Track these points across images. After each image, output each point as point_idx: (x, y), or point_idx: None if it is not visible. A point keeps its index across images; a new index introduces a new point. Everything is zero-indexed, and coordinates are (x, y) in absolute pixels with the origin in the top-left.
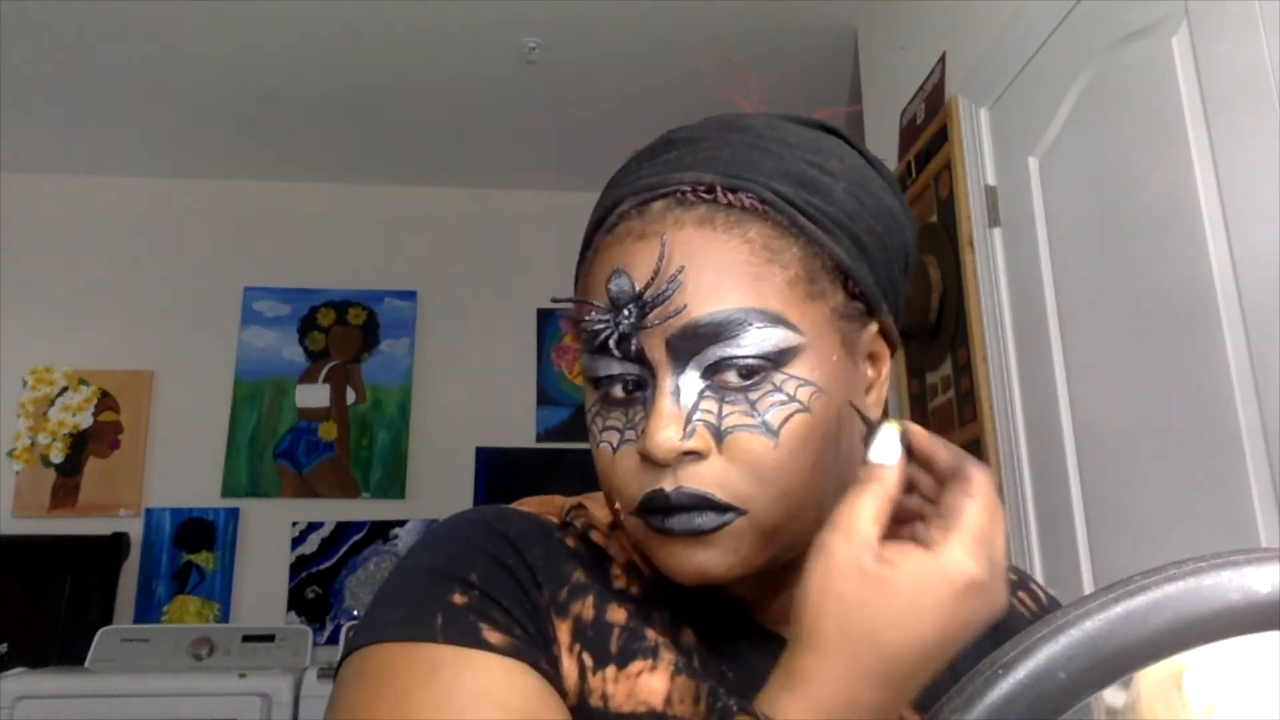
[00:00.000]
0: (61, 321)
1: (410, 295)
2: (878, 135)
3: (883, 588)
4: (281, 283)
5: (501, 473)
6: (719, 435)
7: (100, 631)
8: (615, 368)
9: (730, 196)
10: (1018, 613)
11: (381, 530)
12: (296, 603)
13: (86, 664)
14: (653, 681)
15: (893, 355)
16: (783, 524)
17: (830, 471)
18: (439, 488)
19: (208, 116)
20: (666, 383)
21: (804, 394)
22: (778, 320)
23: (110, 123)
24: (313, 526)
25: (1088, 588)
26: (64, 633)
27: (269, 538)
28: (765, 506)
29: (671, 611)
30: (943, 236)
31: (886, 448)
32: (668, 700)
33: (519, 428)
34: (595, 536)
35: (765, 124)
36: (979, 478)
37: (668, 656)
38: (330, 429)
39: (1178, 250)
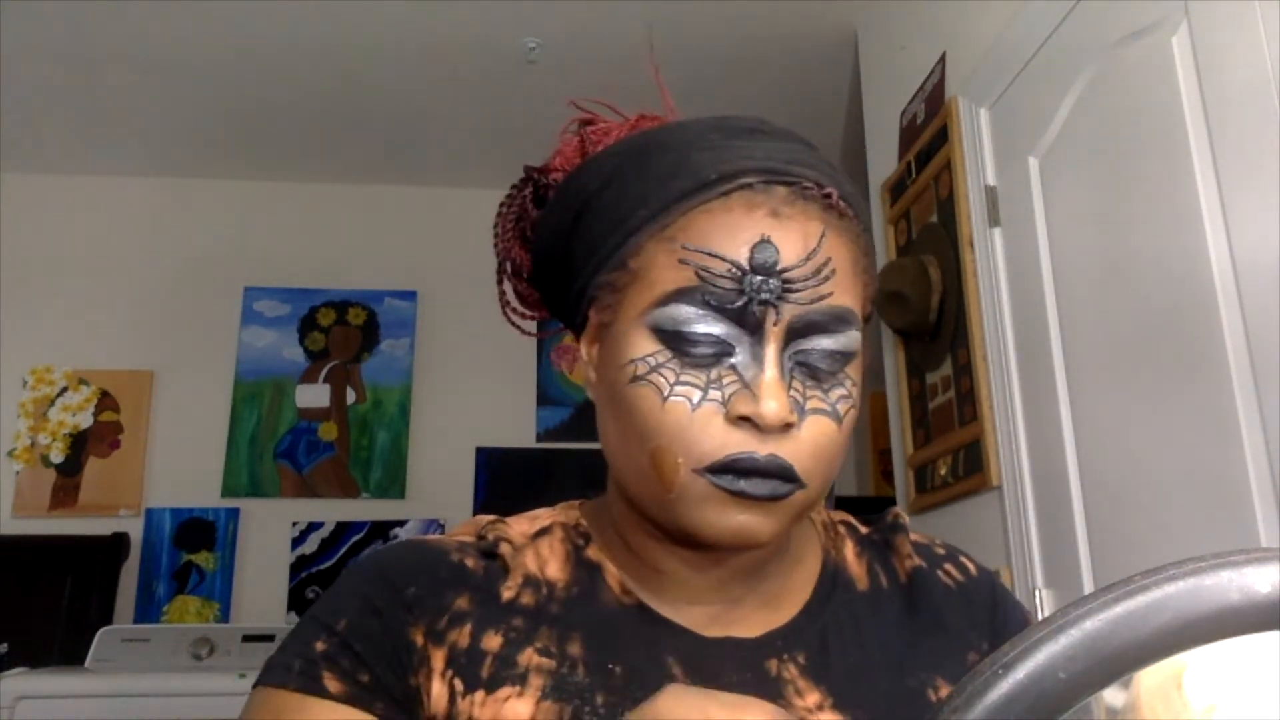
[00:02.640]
0: (61, 321)
1: (410, 295)
2: (878, 135)
3: None
4: (281, 283)
5: (501, 473)
6: (803, 414)
7: (100, 631)
8: (716, 328)
9: (843, 205)
10: (941, 584)
11: (381, 530)
12: (296, 603)
13: (86, 664)
14: (518, 707)
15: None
16: (814, 503)
17: None
18: (439, 488)
19: (208, 117)
20: (776, 357)
21: (855, 392)
22: (860, 326)
23: (110, 123)
24: (313, 526)
25: (1088, 588)
26: (64, 633)
27: (269, 538)
28: (817, 485)
29: (565, 622)
30: (943, 236)
31: None
32: None
33: (519, 428)
34: (503, 549)
35: (795, 133)
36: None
37: (536, 682)
38: (330, 429)
39: (1178, 250)
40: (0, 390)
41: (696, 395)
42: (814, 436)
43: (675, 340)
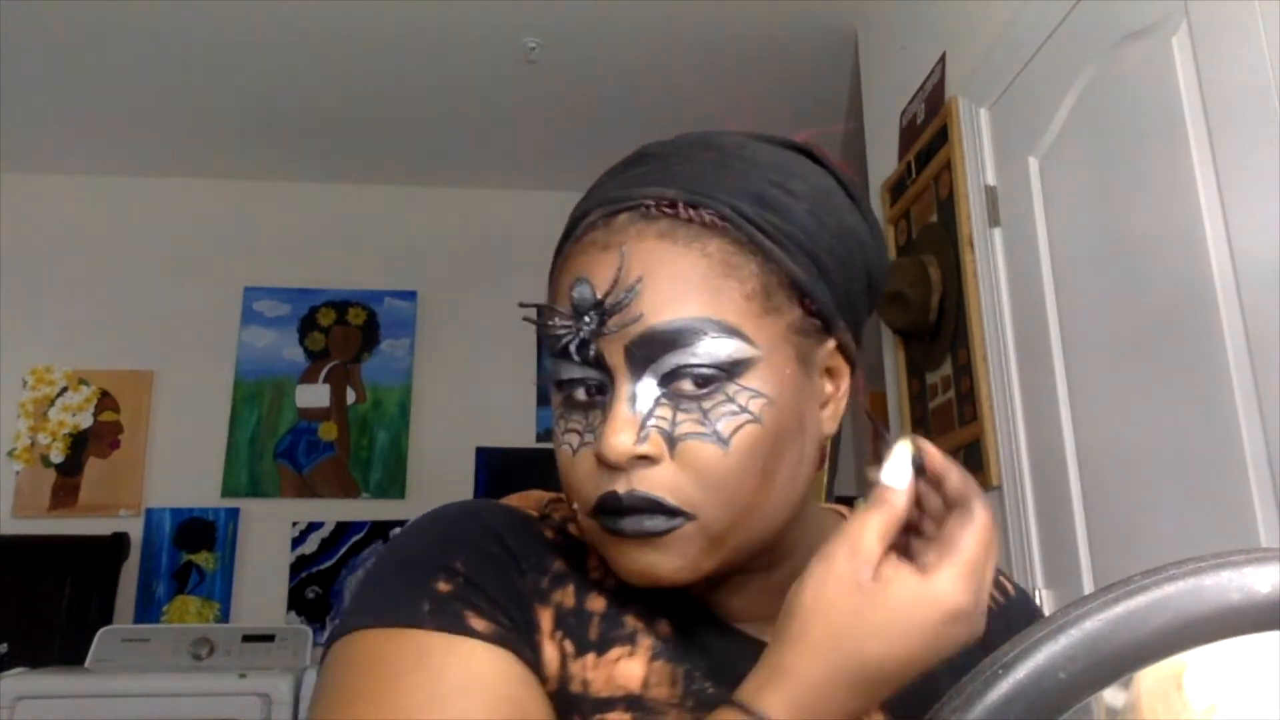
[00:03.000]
0: (61, 321)
1: (410, 295)
2: (878, 135)
3: (875, 603)
4: (281, 283)
5: (501, 473)
6: (672, 442)
7: (100, 631)
8: (576, 372)
9: (691, 212)
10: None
11: (381, 530)
12: (296, 603)
13: (86, 664)
14: (630, 667)
15: (853, 372)
16: (731, 531)
17: (780, 481)
18: (439, 488)
19: (208, 116)
20: (624, 389)
21: (755, 405)
22: (732, 332)
23: (110, 123)
24: (313, 526)
25: (1088, 588)
26: (64, 633)
27: (269, 538)
28: (715, 513)
29: (645, 604)
30: (943, 236)
31: (898, 469)
32: (645, 684)
33: (519, 428)
34: (572, 529)
35: (735, 143)
36: (980, 511)
37: (645, 642)
38: (330, 429)
39: (1178, 250)
40: (0, 390)
41: (576, 440)
42: (690, 463)
43: (561, 389)
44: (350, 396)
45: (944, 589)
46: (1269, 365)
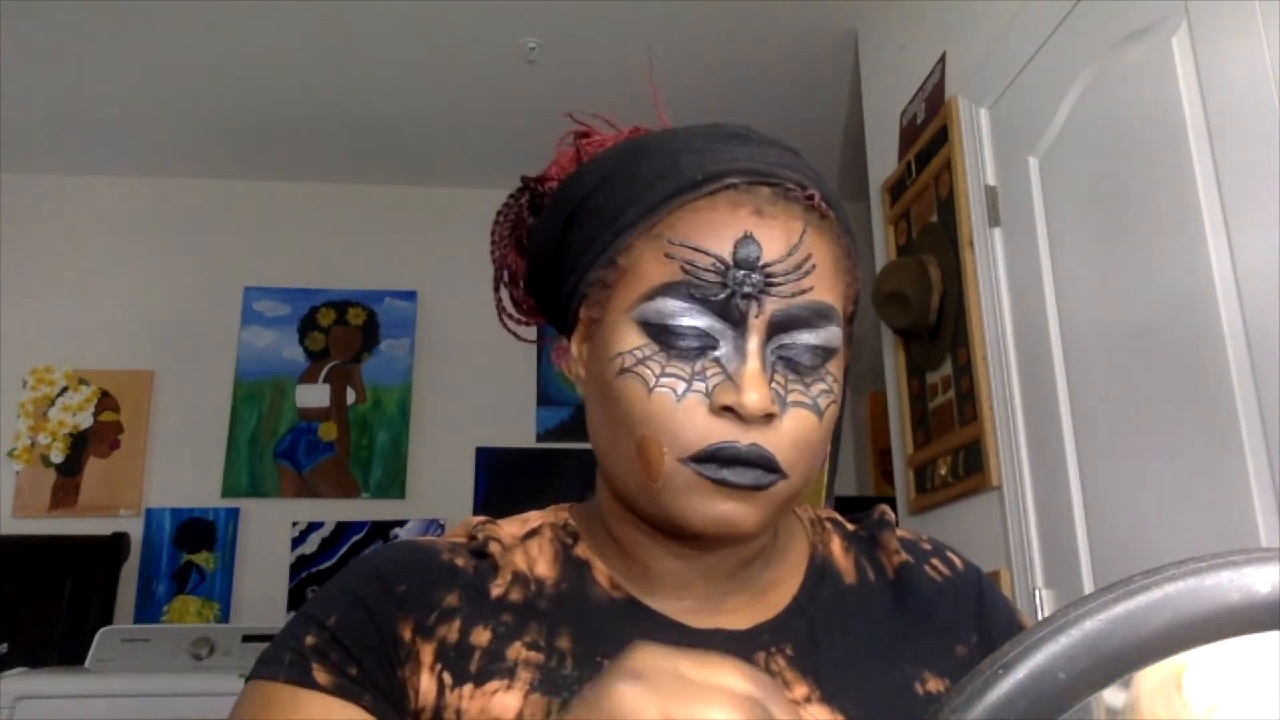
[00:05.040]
0: (61, 321)
1: (410, 295)
2: (878, 135)
3: None
4: (281, 283)
5: (501, 473)
6: (784, 406)
7: (100, 631)
8: (701, 320)
9: (824, 207)
10: (928, 578)
11: (382, 530)
12: (296, 603)
13: (86, 664)
14: (506, 699)
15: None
16: (799, 494)
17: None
18: (439, 488)
19: (208, 116)
20: (758, 350)
21: (836, 388)
22: (841, 323)
23: (110, 123)
24: (313, 526)
25: (1088, 588)
26: (64, 633)
27: (269, 538)
28: (799, 475)
29: (552, 617)
30: (943, 236)
31: None
32: (519, 716)
33: (519, 428)
34: (492, 548)
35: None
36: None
37: (525, 675)
38: (330, 429)
39: (1177, 250)
40: (0, 390)
41: (681, 386)
42: (795, 428)
43: (661, 333)
44: (350, 396)
45: None
46: (1269, 365)
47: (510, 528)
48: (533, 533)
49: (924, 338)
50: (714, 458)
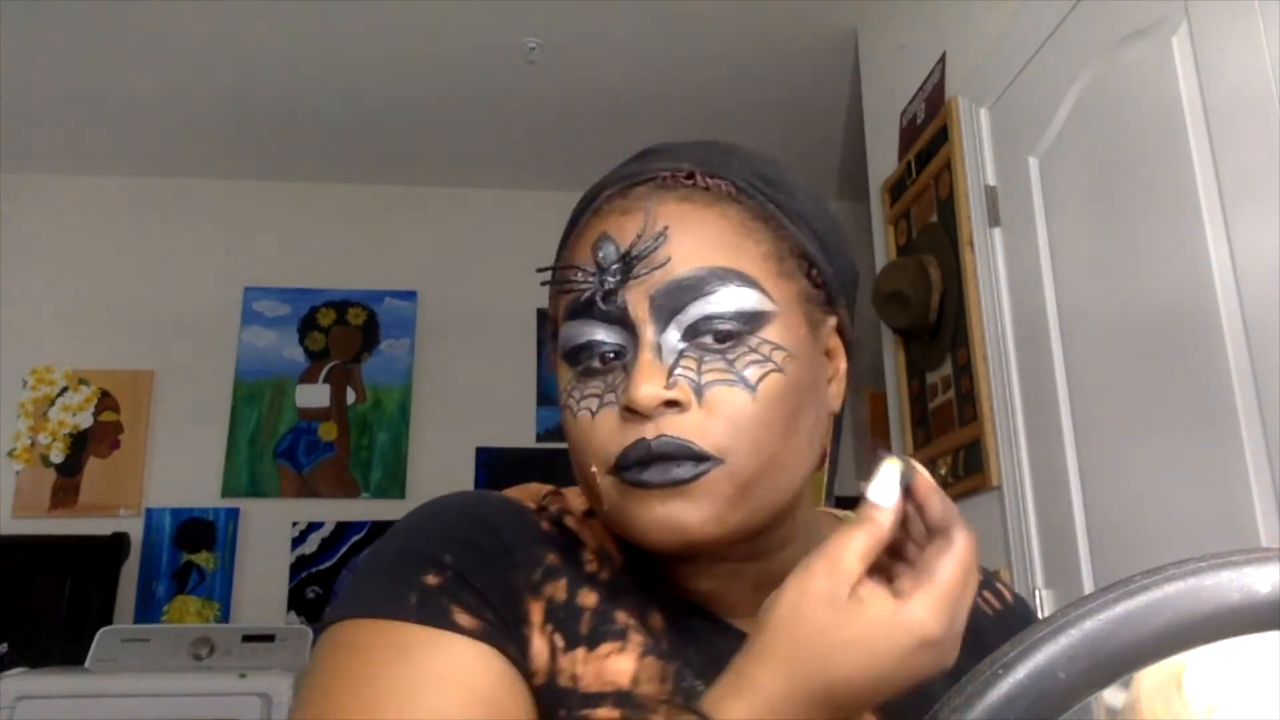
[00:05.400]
0: (61, 321)
1: (410, 295)
2: (878, 135)
3: (847, 622)
4: (281, 283)
5: (501, 473)
6: (699, 390)
7: (100, 631)
8: (597, 332)
9: (708, 181)
10: (981, 611)
11: (382, 530)
12: (296, 603)
13: (86, 664)
14: (620, 663)
15: (849, 358)
16: (757, 480)
17: (801, 437)
18: (439, 488)
19: (208, 116)
20: (648, 339)
21: (778, 356)
22: (753, 283)
23: (110, 123)
24: (313, 526)
25: (1088, 588)
26: (64, 633)
27: (269, 538)
28: (743, 459)
29: (639, 597)
30: (943, 236)
31: (886, 487)
32: (635, 680)
33: (519, 428)
34: (569, 521)
35: (734, 142)
36: (961, 540)
37: (636, 639)
38: (330, 429)
39: (1177, 249)
40: (0, 390)
41: (595, 403)
42: (719, 409)
43: (575, 358)
44: (350, 396)
45: (917, 616)
46: (1269, 365)
47: (575, 500)
48: (591, 513)
49: (924, 338)
50: (628, 461)
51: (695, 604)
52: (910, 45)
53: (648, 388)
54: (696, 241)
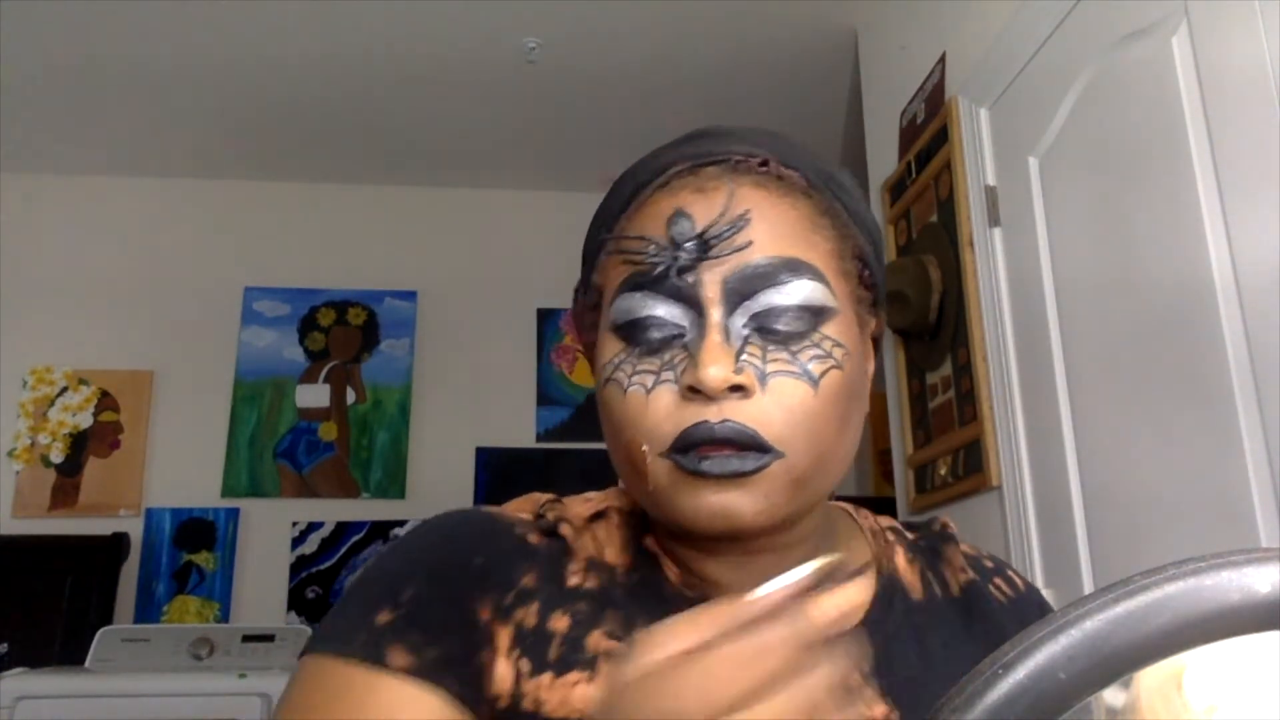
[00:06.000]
0: (61, 321)
1: (410, 295)
2: (878, 135)
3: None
4: (281, 283)
5: (501, 473)
6: (763, 378)
7: (100, 631)
8: (660, 308)
9: (782, 170)
10: (993, 598)
11: (382, 530)
12: (296, 603)
13: (86, 664)
14: (588, 691)
15: (875, 364)
16: (811, 475)
17: (851, 434)
18: (439, 488)
19: (208, 116)
20: (718, 321)
21: (838, 353)
22: (822, 278)
23: (110, 123)
24: (313, 526)
25: (1088, 588)
26: (64, 633)
27: (269, 538)
28: (801, 452)
29: (630, 604)
30: (943, 236)
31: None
32: None
33: (519, 428)
34: (564, 530)
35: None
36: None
37: (605, 668)
38: (330, 429)
39: (1177, 249)
40: (0, 390)
41: (651, 380)
42: (781, 400)
43: (630, 333)
44: (350, 396)
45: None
46: (1269, 365)
47: (577, 507)
48: (599, 515)
49: (924, 338)
50: (688, 442)
51: (698, 598)
52: (910, 45)
53: (717, 369)
54: (773, 230)
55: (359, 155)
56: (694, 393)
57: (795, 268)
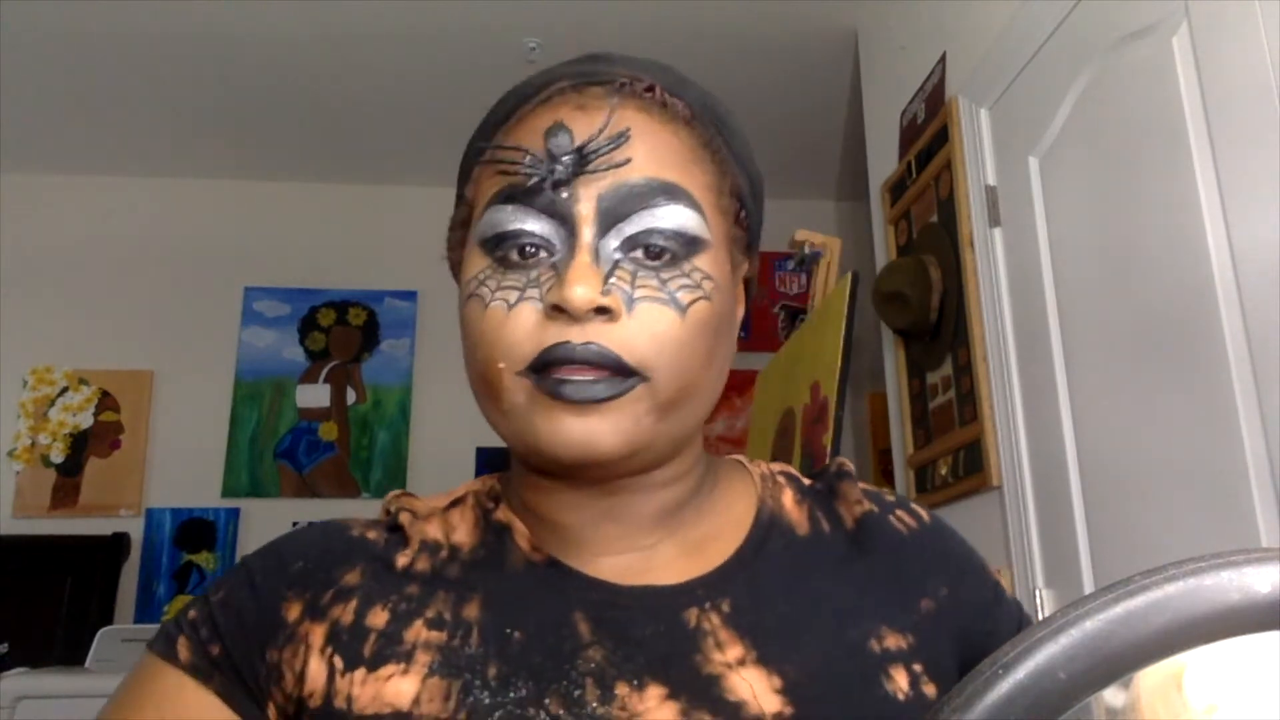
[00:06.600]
0: (61, 321)
1: (410, 295)
2: (878, 135)
3: None
4: (281, 283)
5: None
6: (630, 302)
7: (100, 631)
8: (529, 222)
9: (667, 97)
10: (893, 529)
11: None
12: None
13: (87, 664)
14: (402, 684)
15: (747, 309)
16: (675, 403)
17: (717, 368)
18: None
19: (208, 117)
20: (587, 240)
21: (707, 285)
22: (698, 207)
23: (110, 123)
24: None
25: (1088, 587)
26: (64, 633)
27: (269, 538)
28: (664, 378)
29: (461, 585)
30: (943, 236)
31: None
32: (415, 701)
33: None
34: (403, 518)
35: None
36: None
37: (423, 659)
38: (330, 429)
39: (1178, 250)
40: (0, 390)
41: (514, 296)
42: (648, 324)
43: (496, 247)
44: (350, 396)
45: None
46: (1269, 365)
47: (434, 500)
48: (456, 502)
49: (924, 338)
50: (547, 362)
51: (545, 564)
52: (910, 45)
53: (583, 289)
54: (653, 154)
55: (360, 155)
56: (558, 311)
57: (672, 192)
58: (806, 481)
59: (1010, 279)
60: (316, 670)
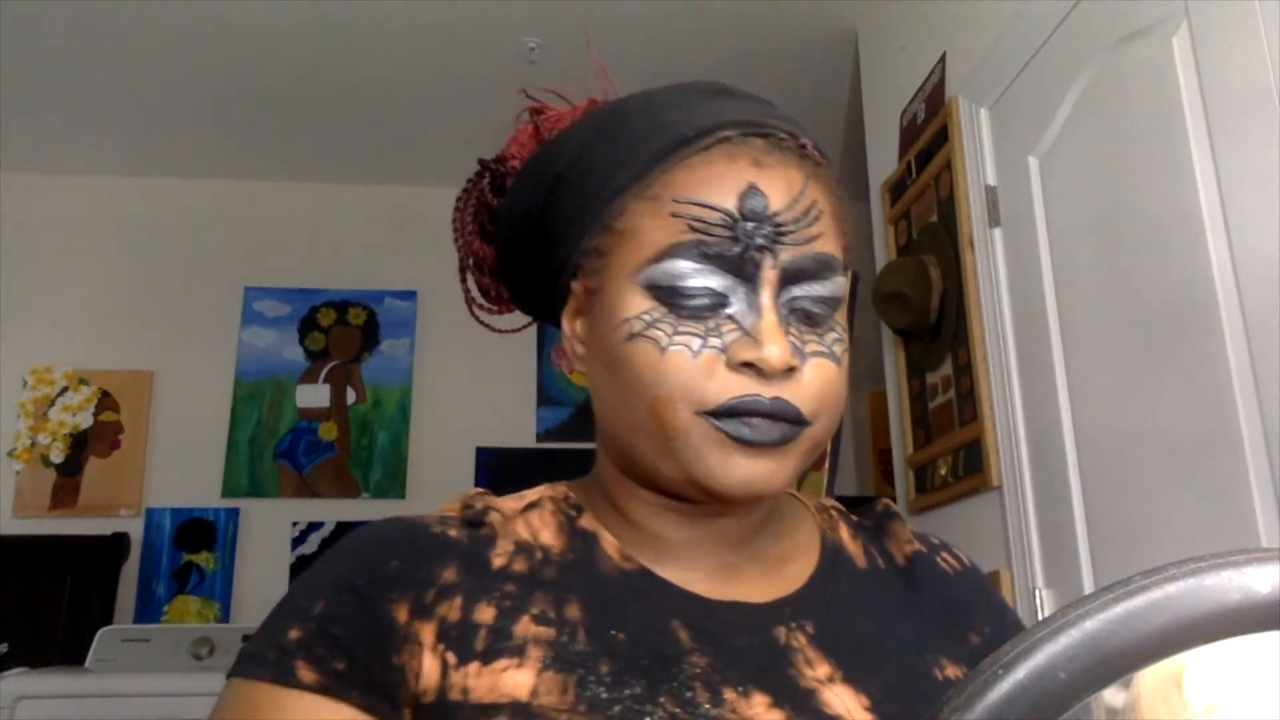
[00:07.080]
0: (61, 321)
1: (410, 295)
2: (878, 135)
3: None
4: (281, 283)
5: (501, 473)
6: (803, 358)
7: (100, 631)
8: (713, 280)
9: (818, 155)
10: (941, 568)
11: None
12: None
13: (87, 664)
14: (518, 676)
15: None
16: (820, 445)
17: None
18: (439, 488)
19: (207, 116)
20: (771, 302)
21: (846, 337)
22: (843, 273)
23: (110, 123)
24: (313, 526)
25: (1088, 587)
26: (64, 633)
27: (269, 538)
28: (824, 425)
29: (563, 584)
30: (943, 236)
31: None
32: (533, 692)
33: (519, 428)
34: (492, 517)
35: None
36: None
37: (535, 653)
38: (330, 429)
39: (1178, 250)
40: (0, 390)
41: (696, 343)
42: (817, 378)
43: (670, 295)
44: (350, 396)
45: None
46: (1269, 366)
47: (510, 502)
48: (532, 505)
49: (924, 338)
50: (734, 412)
51: (635, 572)
52: (910, 45)
53: (778, 351)
54: (831, 230)
55: (359, 155)
56: (748, 367)
57: (833, 264)
58: (854, 517)
59: (1010, 279)
60: (430, 667)
